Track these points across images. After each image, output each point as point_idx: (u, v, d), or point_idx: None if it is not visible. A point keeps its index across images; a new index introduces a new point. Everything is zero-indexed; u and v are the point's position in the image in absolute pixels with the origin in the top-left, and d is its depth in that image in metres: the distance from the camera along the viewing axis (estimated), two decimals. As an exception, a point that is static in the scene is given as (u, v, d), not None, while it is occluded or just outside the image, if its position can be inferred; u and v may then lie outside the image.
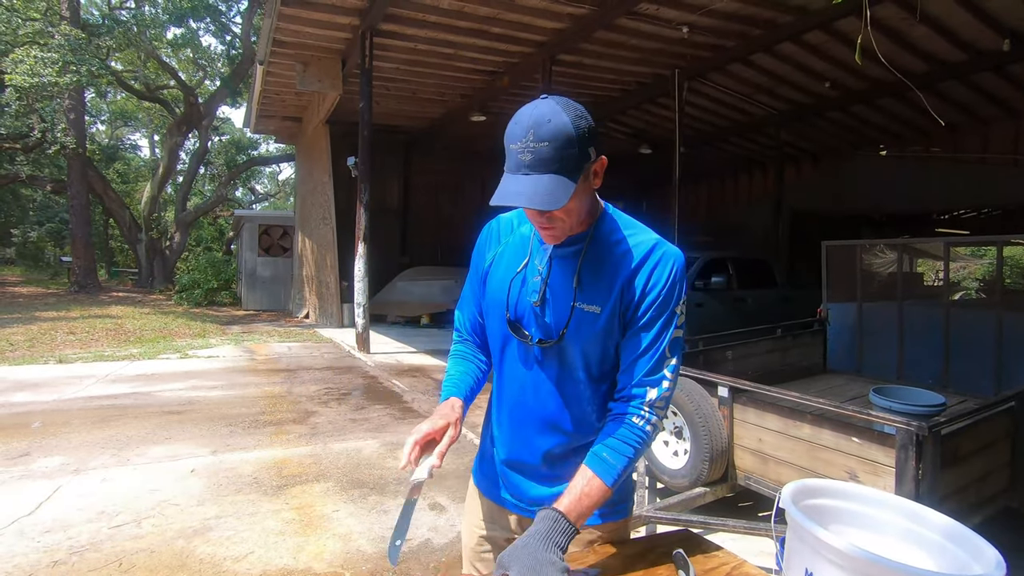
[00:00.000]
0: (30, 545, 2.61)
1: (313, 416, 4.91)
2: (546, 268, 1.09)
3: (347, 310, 10.74)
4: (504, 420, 1.16)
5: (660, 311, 1.04)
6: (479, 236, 1.22)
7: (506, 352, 1.14)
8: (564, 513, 0.95)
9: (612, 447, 1.02)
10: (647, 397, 1.04)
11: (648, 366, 1.04)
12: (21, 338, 8.55)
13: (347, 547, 2.71)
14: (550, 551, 0.90)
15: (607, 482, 1.00)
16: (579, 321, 1.05)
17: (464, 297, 1.26)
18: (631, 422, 1.03)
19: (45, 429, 4.31)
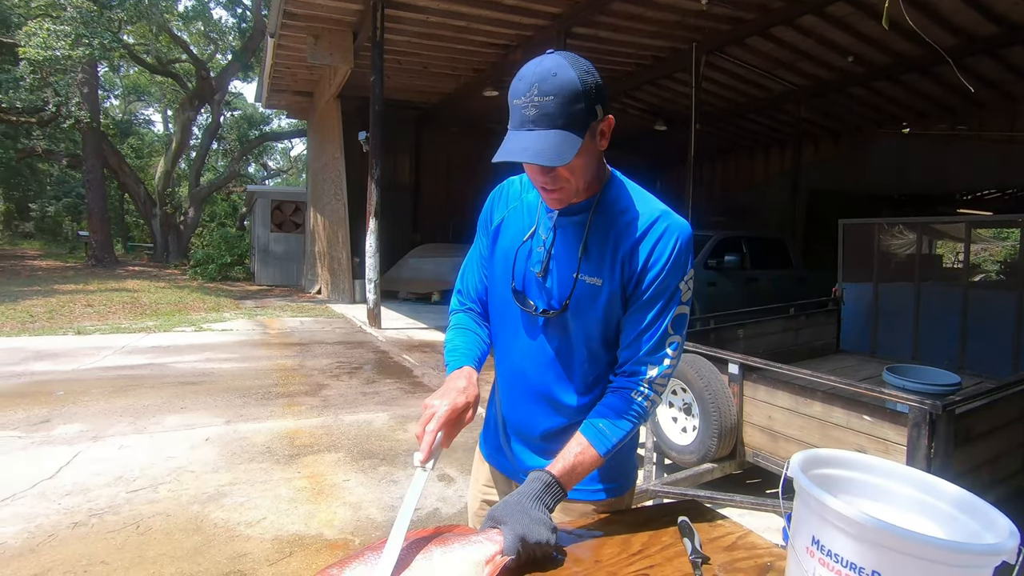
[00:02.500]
0: (51, 507, 2.69)
1: (325, 389, 4.98)
2: (550, 237, 1.06)
3: (359, 286, 10.80)
4: (505, 388, 1.16)
5: (663, 287, 1.01)
6: (485, 202, 1.20)
7: (510, 320, 1.12)
8: (556, 477, 0.96)
9: (609, 419, 1.01)
10: (647, 374, 1.02)
11: (650, 344, 1.02)
12: (41, 310, 8.72)
13: (357, 515, 2.76)
14: (540, 510, 0.91)
15: (600, 452, 0.99)
16: (581, 293, 1.03)
17: (468, 263, 1.23)
18: (630, 396, 1.02)
19: (65, 397, 4.41)
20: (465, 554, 0.83)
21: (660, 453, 3.22)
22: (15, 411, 4.04)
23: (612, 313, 1.04)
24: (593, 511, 1.13)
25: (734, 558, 0.97)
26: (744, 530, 1.08)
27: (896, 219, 4.83)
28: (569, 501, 1.08)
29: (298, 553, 2.40)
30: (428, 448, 0.91)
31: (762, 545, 1.02)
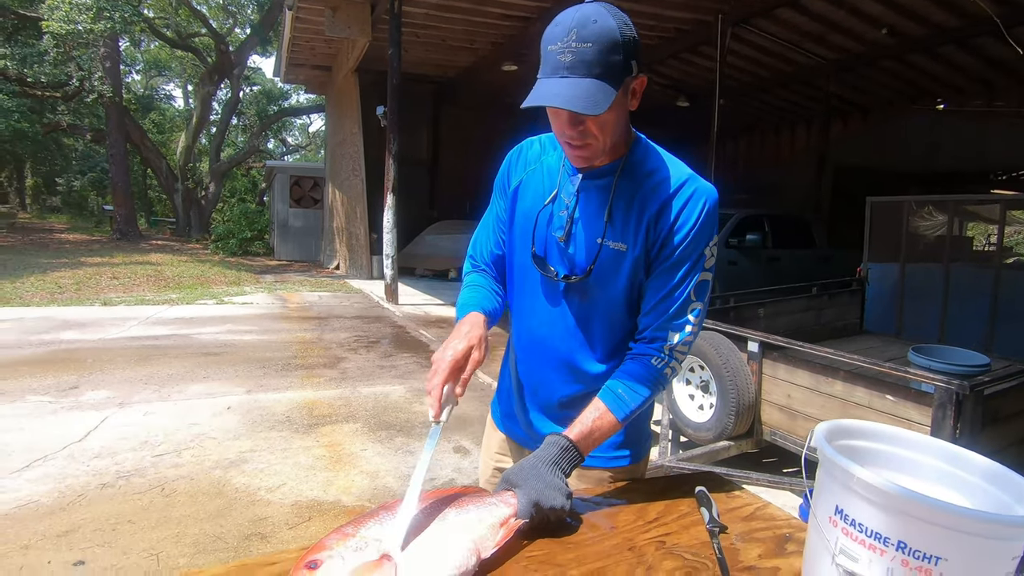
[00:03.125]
0: (80, 468, 2.78)
1: (343, 362, 5.04)
2: (573, 201, 1.03)
3: (376, 262, 10.86)
4: (522, 355, 1.14)
5: (688, 251, 0.98)
6: (502, 164, 1.16)
7: (529, 286, 1.10)
8: (573, 441, 0.94)
9: (628, 384, 0.99)
10: (669, 341, 1.00)
11: (672, 309, 1.00)
12: (69, 281, 8.93)
13: (374, 483, 2.81)
14: (556, 475, 0.90)
15: (618, 417, 0.98)
16: (606, 259, 1.01)
17: (483, 227, 1.20)
18: (650, 363, 1.00)
19: (92, 365, 4.53)
20: (480, 516, 0.83)
21: (676, 430, 3.21)
22: (45, 377, 4.16)
23: (636, 279, 1.02)
24: (609, 478, 1.12)
25: (752, 528, 0.95)
26: (762, 502, 1.06)
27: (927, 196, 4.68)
28: (584, 468, 1.08)
29: (317, 518, 2.45)
30: (436, 403, 0.90)
31: (781, 517, 1.00)
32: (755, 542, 0.91)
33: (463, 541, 0.78)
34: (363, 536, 0.73)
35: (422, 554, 0.73)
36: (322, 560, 0.69)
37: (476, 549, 0.78)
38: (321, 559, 0.69)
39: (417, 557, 0.73)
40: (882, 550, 0.68)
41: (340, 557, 0.70)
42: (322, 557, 0.69)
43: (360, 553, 0.71)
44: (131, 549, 2.13)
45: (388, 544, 0.73)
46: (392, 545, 0.73)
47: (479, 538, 0.79)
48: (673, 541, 0.90)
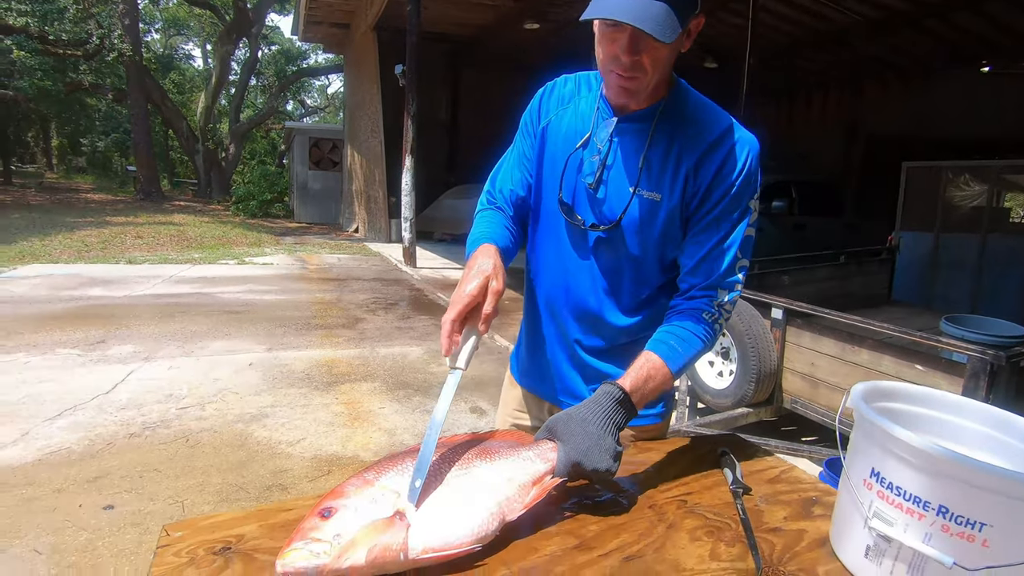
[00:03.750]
0: (109, 419, 2.86)
1: (361, 322, 5.08)
2: (606, 146, 0.97)
3: (395, 225, 10.85)
4: (544, 306, 1.09)
5: (732, 205, 0.92)
6: (530, 102, 1.10)
7: (553, 234, 1.04)
8: (628, 392, 0.86)
9: (680, 336, 0.93)
10: (717, 299, 0.95)
11: (718, 267, 0.94)
12: (95, 240, 9.10)
13: (392, 440, 2.85)
14: (609, 432, 0.81)
15: (672, 369, 0.91)
16: (638, 209, 0.95)
17: (504, 163, 1.12)
18: (701, 317, 0.95)
19: (118, 320, 4.63)
20: (510, 473, 0.78)
21: (694, 396, 3.18)
22: (74, 331, 4.27)
23: (669, 232, 0.96)
24: (631, 436, 1.09)
25: (776, 491, 0.93)
26: (787, 464, 1.03)
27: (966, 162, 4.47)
28: None
29: (336, 472, 2.50)
30: (447, 338, 0.81)
31: (806, 479, 0.97)
32: (780, 504, 0.88)
33: (487, 504, 0.73)
34: (382, 486, 0.72)
35: (439, 516, 0.71)
36: (336, 508, 0.67)
37: (501, 512, 0.73)
38: (336, 507, 0.67)
39: (433, 519, 0.70)
40: (920, 514, 0.64)
41: (354, 508, 0.68)
42: (337, 505, 0.68)
43: (375, 506, 0.69)
44: (157, 496, 2.20)
45: (405, 500, 0.71)
46: (407, 502, 0.71)
47: (506, 500, 0.74)
48: (695, 501, 0.87)
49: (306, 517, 0.67)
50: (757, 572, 0.71)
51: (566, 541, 0.75)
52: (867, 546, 0.70)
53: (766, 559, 0.74)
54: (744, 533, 0.79)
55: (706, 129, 0.93)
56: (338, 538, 0.65)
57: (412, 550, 0.66)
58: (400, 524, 0.68)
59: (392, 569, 0.66)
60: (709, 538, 0.78)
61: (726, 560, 0.73)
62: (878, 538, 0.68)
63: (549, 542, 0.75)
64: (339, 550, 0.63)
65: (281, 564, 0.62)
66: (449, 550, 0.68)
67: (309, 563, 0.62)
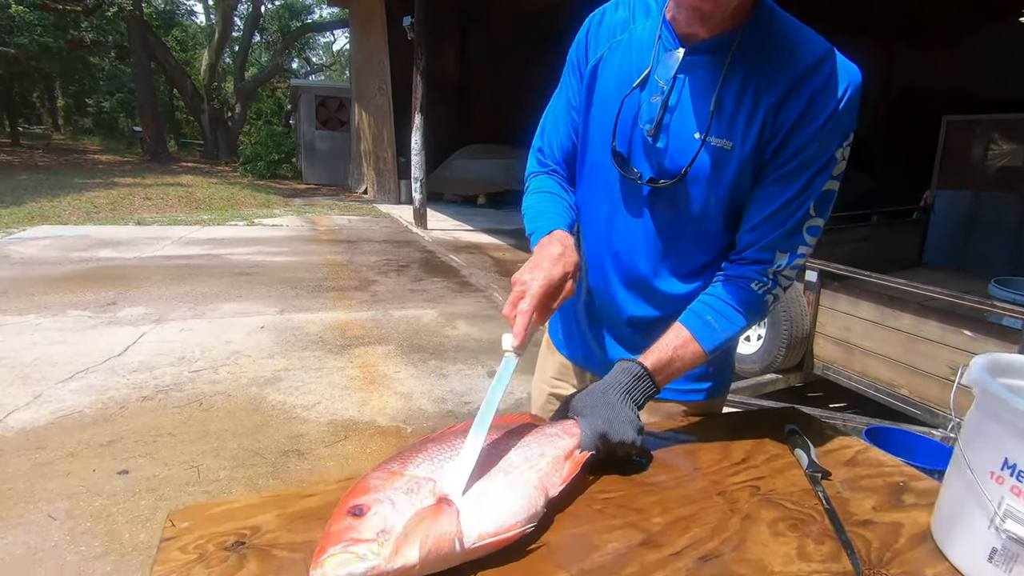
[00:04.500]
0: (121, 381, 2.82)
1: (373, 284, 4.99)
2: (670, 84, 0.82)
3: (404, 186, 10.66)
4: (591, 269, 0.97)
5: (816, 152, 0.77)
6: (577, 34, 0.94)
7: (604, 188, 0.91)
8: (650, 371, 0.79)
9: (720, 311, 0.83)
10: (775, 263, 0.82)
11: (785, 226, 0.81)
12: (104, 201, 9.02)
13: (409, 405, 2.79)
14: (627, 406, 0.77)
15: (705, 348, 0.82)
16: (706, 159, 0.81)
17: (551, 114, 0.99)
18: (749, 287, 0.83)
19: (129, 282, 4.57)
20: (541, 448, 0.71)
21: (718, 361, 3.07)
22: (85, 293, 4.22)
23: (740, 185, 0.82)
24: (682, 412, 0.99)
25: (857, 475, 0.82)
26: (862, 443, 0.92)
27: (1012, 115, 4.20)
28: (657, 400, 0.95)
29: (352, 437, 2.44)
30: (524, 330, 0.72)
31: (888, 462, 0.86)
32: (864, 492, 0.77)
33: (528, 478, 0.66)
34: (412, 476, 0.62)
35: (486, 496, 0.61)
36: (369, 506, 0.57)
37: (544, 488, 0.66)
38: (367, 504, 0.57)
39: (480, 500, 0.61)
40: (1074, 517, 0.53)
41: (389, 501, 0.58)
42: (368, 502, 0.58)
43: (412, 497, 0.59)
44: (172, 461, 2.15)
45: (445, 486, 0.61)
46: (450, 487, 0.61)
47: (544, 474, 0.68)
48: (768, 487, 0.77)
49: (332, 521, 0.57)
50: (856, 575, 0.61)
51: (630, 536, 0.65)
52: (993, 549, 0.59)
53: (863, 559, 0.64)
54: (832, 527, 0.68)
55: (794, 60, 0.76)
56: (384, 535, 0.54)
57: (467, 537, 0.57)
58: (449, 510, 0.58)
59: (448, 562, 0.56)
60: (793, 533, 0.67)
61: (817, 560, 0.63)
62: (1011, 542, 0.57)
63: (611, 537, 0.65)
64: (390, 547, 0.53)
65: (321, 574, 0.51)
66: (505, 533, 0.59)
67: (357, 568, 0.51)
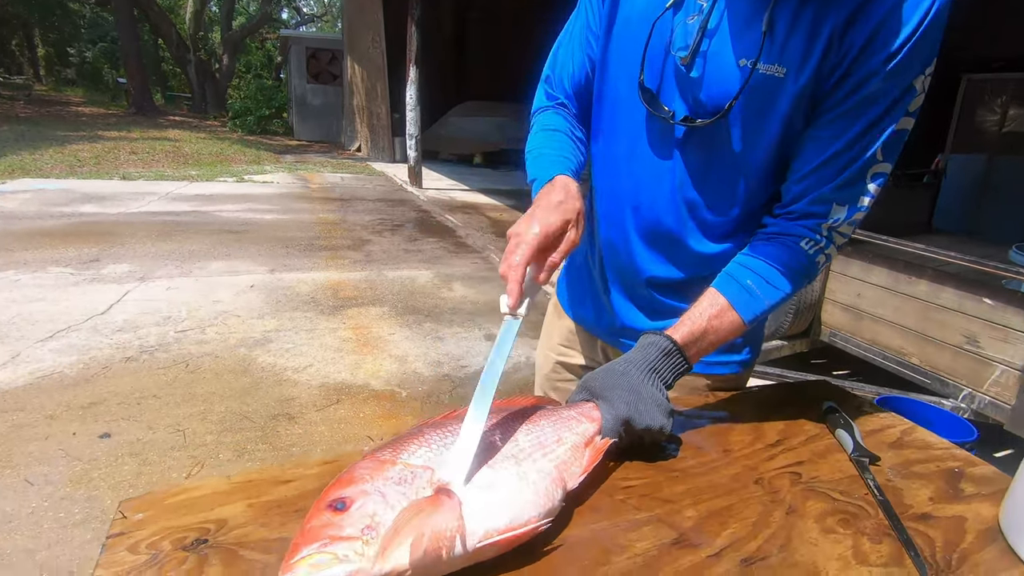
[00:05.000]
0: (104, 341, 2.71)
1: (367, 244, 4.86)
2: (711, 2, 0.69)
3: (399, 144, 10.37)
4: (607, 222, 0.86)
5: (891, 81, 0.64)
6: None
7: (628, 128, 0.78)
8: (680, 345, 0.69)
9: (762, 275, 0.72)
10: (830, 217, 0.70)
11: (844, 173, 0.68)
12: (88, 155, 8.72)
13: (403, 368, 2.70)
14: (654, 386, 0.66)
15: (744, 318, 0.71)
16: (754, 91, 0.67)
17: (564, 39, 0.85)
18: (798, 247, 0.71)
19: (113, 238, 4.41)
20: (559, 434, 0.61)
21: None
22: (66, 249, 4.07)
23: (793, 123, 0.69)
24: (705, 386, 0.89)
25: (906, 459, 0.73)
26: (906, 423, 0.83)
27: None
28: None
29: (345, 401, 2.36)
30: (517, 287, 0.61)
31: (937, 444, 0.78)
32: (918, 480, 0.69)
33: (543, 467, 0.56)
34: (407, 464, 0.52)
35: (494, 488, 0.52)
36: (353, 498, 0.47)
37: (561, 478, 0.56)
38: (351, 496, 0.47)
39: (488, 492, 0.51)
40: None
41: (378, 493, 0.48)
42: (352, 494, 0.48)
43: (406, 487, 0.49)
44: (157, 424, 2.07)
45: (445, 474, 0.51)
46: (451, 475, 0.51)
47: (561, 463, 0.58)
48: (810, 474, 0.68)
49: (310, 516, 0.47)
50: (925, 583, 0.52)
51: (659, 533, 0.56)
52: (1089, 555, 0.50)
53: (928, 561, 0.55)
54: (889, 523, 0.60)
55: None
56: (370, 532, 0.45)
57: (471, 535, 0.47)
58: (450, 502, 0.48)
59: (448, 566, 0.46)
60: (845, 529, 0.58)
61: (876, 563, 0.54)
62: (1119, 550, 0.48)
63: (638, 535, 0.55)
64: (377, 547, 0.43)
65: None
66: (516, 530, 0.49)
67: (336, 572, 0.42)
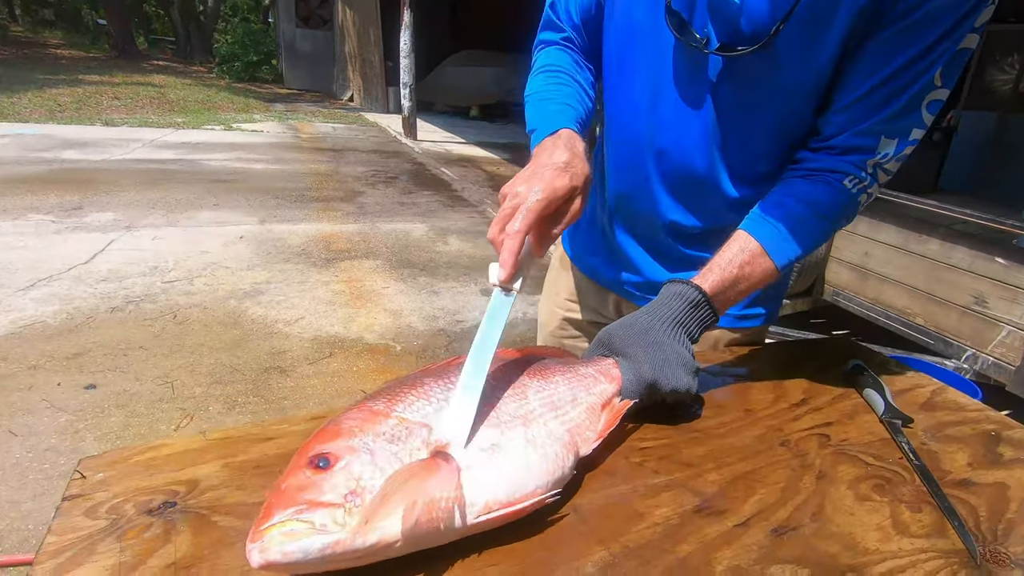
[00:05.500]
0: (88, 291, 2.63)
1: (360, 196, 4.72)
2: None
3: (392, 94, 10.02)
4: (622, 164, 0.78)
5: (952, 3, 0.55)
6: None
7: (649, 62, 0.69)
8: (709, 295, 0.62)
9: (798, 216, 0.64)
10: (878, 152, 0.62)
11: (896, 102, 0.60)
12: (68, 99, 8.39)
13: (398, 322, 2.65)
14: (679, 343, 0.59)
15: (777, 263, 0.64)
16: (803, 16, 0.58)
17: None
18: (841, 186, 0.64)
19: (96, 186, 4.26)
20: (574, 394, 0.55)
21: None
22: (47, 196, 3.92)
23: (849, 48, 0.61)
24: (722, 342, 0.83)
25: (939, 421, 0.68)
26: (935, 382, 0.78)
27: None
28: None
29: (338, 354, 2.32)
30: (513, 257, 0.52)
31: (971, 405, 0.73)
32: (954, 443, 0.64)
33: (554, 430, 0.50)
34: (402, 418, 0.45)
35: (499, 452, 0.46)
36: (338, 455, 0.41)
37: (574, 443, 0.50)
38: (336, 453, 0.41)
39: (491, 457, 0.45)
40: None
41: (367, 451, 0.42)
42: (337, 450, 0.41)
43: (398, 446, 0.43)
44: (144, 375, 2.02)
45: (444, 433, 0.45)
46: (450, 435, 0.45)
47: (575, 427, 0.52)
48: (839, 436, 0.62)
49: (287, 473, 0.41)
50: (974, 558, 0.47)
51: (681, 500, 0.51)
52: None
53: (973, 531, 0.50)
54: (928, 489, 0.55)
55: None
56: (354, 497, 0.39)
57: (471, 506, 0.41)
58: (447, 467, 0.42)
59: (442, 538, 0.41)
60: (881, 496, 0.53)
61: (918, 534, 0.49)
62: None
63: (657, 501, 0.50)
64: (360, 516, 0.38)
65: (260, 551, 0.36)
66: (522, 502, 0.43)
67: (311, 543, 0.36)
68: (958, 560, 0.47)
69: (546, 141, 0.64)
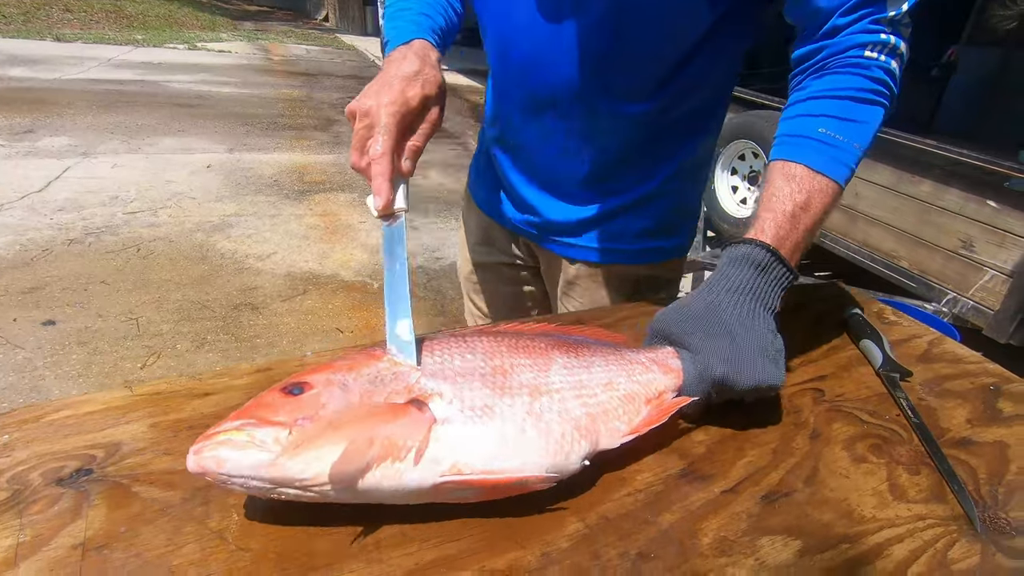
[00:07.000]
0: (43, 221, 2.48)
1: (336, 124, 4.49)
2: None
3: (370, 13, 9.41)
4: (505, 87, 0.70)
5: None
6: None
7: None
8: (775, 248, 0.51)
9: (836, 115, 0.54)
10: (888, 9, 0.53)
11: None
12: (14, 10, 7.71)
13: (374, 259, 2.56)
14: (756, 320, 0.49)
15: (833, 175, 0.53)
16: None
17: None
18: (863, 59, 0.54)
19: (48, 107, 3.97)
20: (610, 377, 0.46)
21: (708, 223, 2.89)
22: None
23: None
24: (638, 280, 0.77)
25: (938, 375, 0.64)
26: (933, 332, 0.74)
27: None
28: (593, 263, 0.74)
29: (313, 292, 2.24)
30: (387, 183, 0.49)
31: (969, 357, 0.69)
32: (953, 398, 0.60)
33: (570, 408, 0.43)
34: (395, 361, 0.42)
35: (490, 415, 0.40)
36: (312, 384, 0.38)
37: (590, 429, 0.43)
38: (312, 383, 0.38)
39: (476, 417, 0.39)
40: None
41: (341, 385, 0.38)
42: (315, 380, 0.38)
43: (376, 387, 0.39)
44: (107, 312, 1.93)
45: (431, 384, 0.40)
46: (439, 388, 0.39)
47: (600, 413, 0.44)
48: (835, 391, 0.58)
49: (261, 395, 0.38)
50: (974, 525, 0.44)
51: (665, 463, 0.46)
52: None
53: (973, 496, 0.47)
54: (926, 449, 0.51)
55: None
56: (305, 422, 0.35)
57: (435, 463, 0.36)
58: (419, 414, 0.37)
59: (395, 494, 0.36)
60: (878, 458, 0.50)
61: (916, 499, 0.46)
62: None
63: (639, 466, 0.46)
64: (297, 438, 0.34)
65: (195, 457, 0.35)
66: (500, 474, 0.37)
67: (241, 458, 0.34)
68: (957, 528, 0.43)
69: (395, 52, 0.57)
